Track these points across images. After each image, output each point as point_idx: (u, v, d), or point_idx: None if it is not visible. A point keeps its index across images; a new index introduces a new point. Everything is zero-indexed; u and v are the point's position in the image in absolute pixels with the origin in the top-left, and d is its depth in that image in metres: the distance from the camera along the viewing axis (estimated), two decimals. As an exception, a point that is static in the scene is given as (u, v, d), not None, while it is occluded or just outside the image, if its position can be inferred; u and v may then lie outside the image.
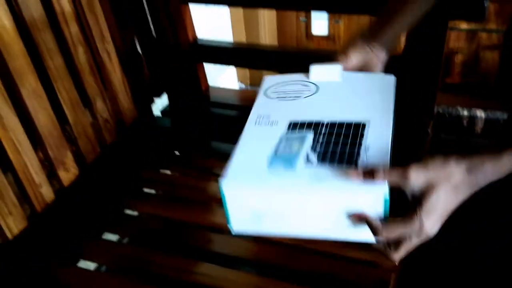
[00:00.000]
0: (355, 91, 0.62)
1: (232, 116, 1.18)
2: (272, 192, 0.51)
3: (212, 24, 1.49)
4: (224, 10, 1.76)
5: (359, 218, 0.51)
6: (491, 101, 1.75)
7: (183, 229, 0.91)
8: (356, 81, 0.64)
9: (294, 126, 0.57)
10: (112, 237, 0.97)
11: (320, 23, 1.95)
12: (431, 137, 1.17)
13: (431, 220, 0.49)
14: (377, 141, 0.54)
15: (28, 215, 0.81)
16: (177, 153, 1.14)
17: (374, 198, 0.49)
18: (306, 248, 0.81)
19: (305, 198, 0.51)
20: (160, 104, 1.19)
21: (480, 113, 1.69)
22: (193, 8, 1.10)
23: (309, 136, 0.55)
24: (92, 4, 0.88)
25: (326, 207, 0.51)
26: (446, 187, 0.49)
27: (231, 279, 0.80)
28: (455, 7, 0.91)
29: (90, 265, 0.98)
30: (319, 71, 0.65)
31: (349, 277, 0.78)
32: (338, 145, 0.54)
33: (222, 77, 1.78)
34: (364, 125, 0.56)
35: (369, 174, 0.49)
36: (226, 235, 0.86)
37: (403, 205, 0.51)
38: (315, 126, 0.56)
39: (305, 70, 0.66)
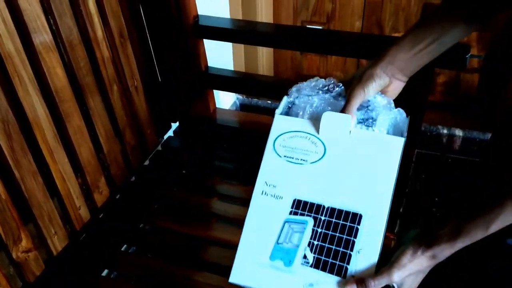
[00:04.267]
0: (359, 162, 0.67)
1: (236, 139, 1.31)
2: None
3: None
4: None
5: None
6: (469, 120, 1.91)
7: (186, 241, 1.01)
8: (362, 146, 0.67)
9: (297, 204, 0.67)
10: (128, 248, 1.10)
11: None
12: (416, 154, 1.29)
13: None
14: (369, 243, 0.63)
15: (69, 233, 0.94)
16: (184, 172, 1.25)
17: None
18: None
19: None
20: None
21: (459, 132, 1.86)
22: None
23: (310, 224, 0.65)
24: (126, 48, 1.00)
25: None
26: (418, 273, 0.64)
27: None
28: (441, 58, 1.05)
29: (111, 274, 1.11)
30: (330, 119, 0.68)
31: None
32: (334, 240, 0.64)
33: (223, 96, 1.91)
34: (360, 217, 0.65)
35: (361, 285, 0.61)
36: (222, 248, 0.98)
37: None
38: (316, 209, 0.66)
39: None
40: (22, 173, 0.81)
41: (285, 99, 0.74)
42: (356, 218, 0.64)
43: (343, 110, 0.69)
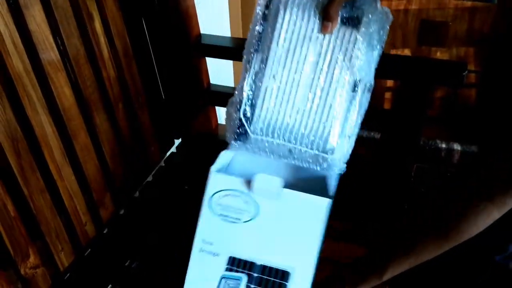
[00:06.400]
0: (288, 221, 0.71)
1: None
2: None
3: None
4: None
5: None
6: (468, 134, 1.93)
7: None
8: (291, 206, 0.70)
9: (233, 261, 0.72)
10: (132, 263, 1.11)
11: None
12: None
13: None
14: None
15: (75, 249, 0.95)
16: (186, 187, 1.26)
17: None
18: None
19: None
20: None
21: (457, 146, 1.87)
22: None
23: (244, 280, 0.71)
24: (131, 67, 1.03)
25: None
26: None
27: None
28: (438, 75, 1.08)
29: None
30: (263, 181, 0.70)
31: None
32: None
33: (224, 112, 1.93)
34: (288, 274, 0.70)
35: None
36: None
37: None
38: (249, 266, 0.71)
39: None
40: (31, 190, 0.82)
41: (222, 155, 0.76)
42: (284, 275, 0.70)
43: (327, 7, 0.65)
